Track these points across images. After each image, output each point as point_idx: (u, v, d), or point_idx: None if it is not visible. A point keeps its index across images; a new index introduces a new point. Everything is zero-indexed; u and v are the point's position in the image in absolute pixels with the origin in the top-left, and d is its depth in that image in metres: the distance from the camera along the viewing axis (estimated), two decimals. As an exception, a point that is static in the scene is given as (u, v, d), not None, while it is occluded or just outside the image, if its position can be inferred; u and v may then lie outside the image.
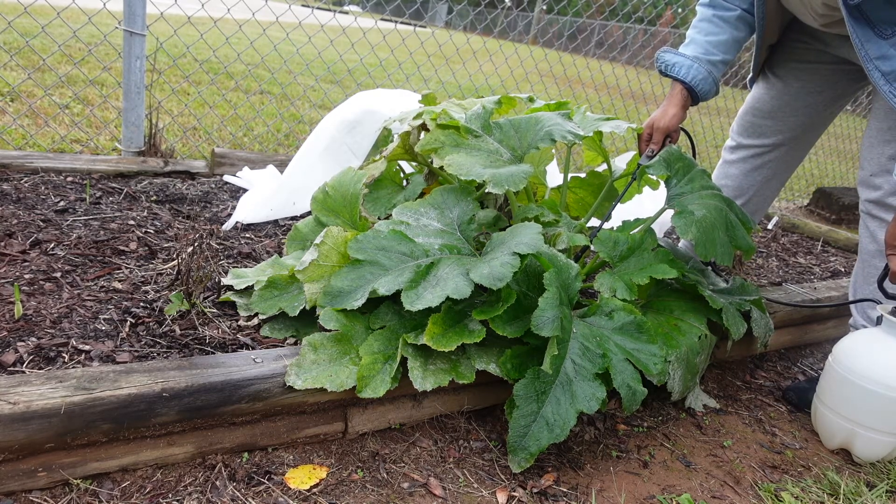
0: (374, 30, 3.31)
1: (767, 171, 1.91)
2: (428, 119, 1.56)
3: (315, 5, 3.68)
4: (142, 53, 2.33)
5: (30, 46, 3.19)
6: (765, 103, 1.85)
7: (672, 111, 1.61)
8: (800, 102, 1.80)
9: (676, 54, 1.63)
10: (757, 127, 1.88)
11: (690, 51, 1.63)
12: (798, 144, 1.88)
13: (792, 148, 1.88)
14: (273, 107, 4.07)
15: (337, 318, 1.24)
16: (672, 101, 1.63)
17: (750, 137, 1.91)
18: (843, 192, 4.14)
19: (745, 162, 1.93)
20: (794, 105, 1.81)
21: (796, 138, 1.86)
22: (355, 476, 1.15)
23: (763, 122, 1.86)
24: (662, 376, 1.39)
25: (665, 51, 1.65)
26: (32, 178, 2.06)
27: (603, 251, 1.47)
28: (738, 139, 1.95)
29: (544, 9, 13.19)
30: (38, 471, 0.98)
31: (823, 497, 1.32)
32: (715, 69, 1.63)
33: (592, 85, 5.84)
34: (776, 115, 1.84)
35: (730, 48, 1.64)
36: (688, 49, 1.64)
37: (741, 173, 1.94)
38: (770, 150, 1.89)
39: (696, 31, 1.66)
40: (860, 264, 1.70)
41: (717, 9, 1.64)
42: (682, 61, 1.61)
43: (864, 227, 1.66)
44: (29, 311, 1.31)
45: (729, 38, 1.63)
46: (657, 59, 1.66)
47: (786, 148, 1.88)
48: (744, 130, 1.92)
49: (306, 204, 2.11)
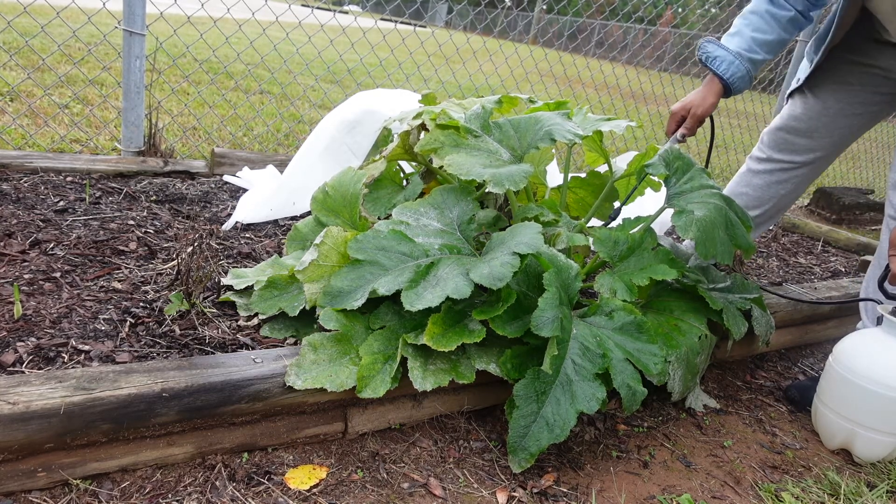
0: (373, 30, 3.31)
1: (791, 186, 1.92)
2: (427, 119, 1.56)
3: (315, 5, 3.68)
4: (141, 53, 2.33)
5: (29, 46, 3.19)
6: (801, 122, 1.83)
7: (710, 100, 1.62)
8: (837, 124, 1.79)
9: (720, 47, 1.62)
10: (790, 144, 1.87)
11: (734, 44, 1.61)
12: (826, 162, 1.89)
13: (819, 165, 1.89)
14: (273, 107, 4.07)
15: (337, 318, 1.24)
16: (710, 89, 1.63)
17: (781, 153, 1.90)
18: (844, 192, 4.14)
19: (772, 174, 1.92)
20: (831, 126, 1.80)
21: (827, 157, 1.86)
22: (355, 476, 1.15)
23: (797, 139, 1.85)
24: (662, 376, 1.39)
25: (709, 41, 1.64)
26: (32, 178, 2.06)
27: (603, 251, 1.46)
28: (768, 152, 1.93)
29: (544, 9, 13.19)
30: (38, 471, 0.98)
31: (824, 497, 1.32)
32: (753, 67, 1.63)
33: (592, 85, 5.84)
34: (811, 135, 1.82)
35: (774, 49, 1.64)
36: (732, 42, 1.62)
37: (765, 185, 1.93)
38: (799, 167, 1.88)
39: (744, 22, 1.64)
40: (876, 267, 1.69)
41: (773, 4, 1.61)
42: (724, 56, 1.61)
43: (886, 230, 1.66)
44: (28, 311, 1.31)
45: (776, 38, 1.62)
46: (700, 47, 1.65)
47: (814, 165, 1.87)
48: (775, 145, 1.91)
49: (306, 204, 2.10)
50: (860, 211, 3.99)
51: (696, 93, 1.64)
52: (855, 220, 3.98)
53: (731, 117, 5.78)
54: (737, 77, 1.61)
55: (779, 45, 1.63)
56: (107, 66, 2.94)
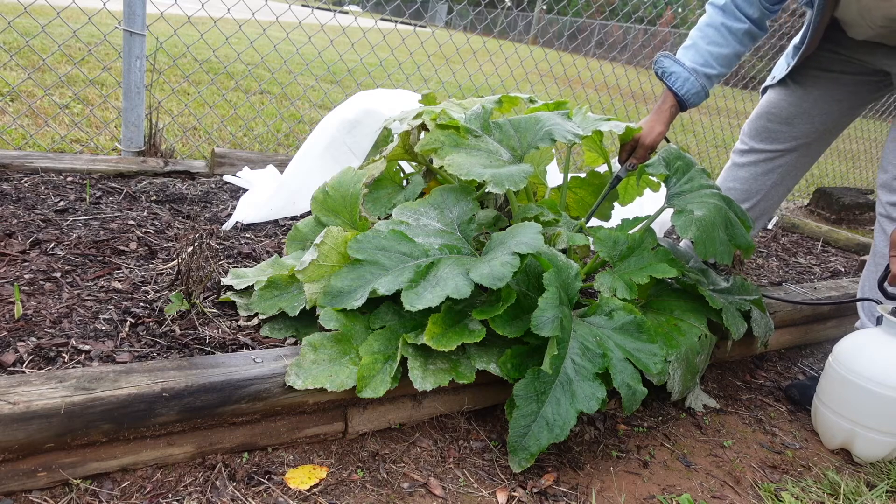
0: (374, 30, 3.31)
1: (777, 176, 1.91)
2: (427, 119, 1.56)
3: (315, 5, 3.68)
4: (142, 53, 2.33)
5: (30, 46, 3.19)
6: (782, 109, 1.84)
7: (658, 129, 1.63)
8: (817, 110, 1.80)
9: (675, 62, 1.64)
10: (771, 132, 1.88)
11: (689, 59, 1.63)
12: (810, 151, 1.88)
13: (803, 154, 1.88)
14: (273, 107, 4.07)
15: (337, 318, 1.24)
16: (660, 116, 1.64)
17: (763, 142, 1.90)
18: (844, 192, 4.14)
19: (756, 166, 1.93)
20: (812, 112, 1.81)
21: (809, 144, 1.86)
22: (355, 476, 1.15)
23: (778, 127, 1.86)
24: (662, 376, 1.39)
25: (665, 56, 1.66)
26: (32, 178, 2.06)
27: (603, 251, 1.46)
28: (750, 143, 1.94)
29: (544, 9, 13.20)
30: (38, 471, 0.98)
31: (823, 497, 1.32)
32: (709, 82, 1.65)
33: (592, 85, 5.84)
34: (792, 122, 1.83)
35: (730, 63, 1.65)
36: (687, 56, 1.64)
37: (751, 177, 1.94)
38: (782, 156, 1.89)
39: (700, 34, 1.65)
40: (872, 266, 1.70)
41: (728, 17, 1.62)
42: (679, 72, 1.62)
43: (880, 229, 1.67)
44: (29, 311, 1.31)
45: (731, 52, 1.63)
46: (656, 61, 1.67)
47: (797, 154, 1.88)
48: (756, 135, 1.92)
49: (306, 204, 2.11)
50: (860, 211, 3.99)
51: (646, 121, 1.66)
52: (855, 220, 3.98)
53: (731, 117, 5.78)
54: (692, 93, 1.63)
55: (734, 59, 1.66)
56: (107, 66, 2.94)
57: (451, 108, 1.64)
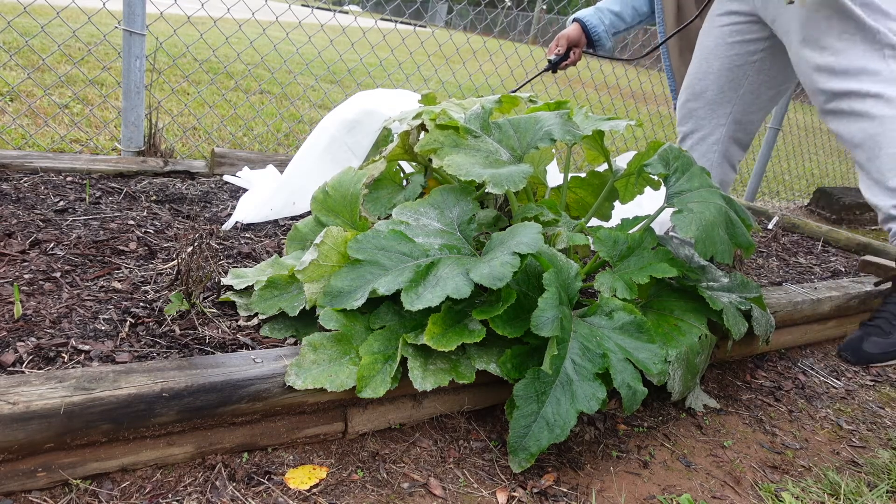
0: (373, 30, 3.31)
1: (715, 156, 2.13)
2: (427, 119, 1.56)
3: (315, 5, 3.68)
4: (141, 53, 2.33)
5: (29, 46, 3.19)
6: (691, 81, 2.11)
7: (576, 28, 2.17)
8: (713, 66, 2.06)
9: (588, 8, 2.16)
10: (690, 112, 2.16)
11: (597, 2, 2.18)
12: (730, 119, 2.08)
13: (729, 129, 2.09)
14: (273, 107, 4.07)
15: (337, 318, 1.24)
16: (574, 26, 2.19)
17: (684, 125, 2.17)
18: (844, 192, 4.14)
19: (693, 151, 2.15)
20: (711, 69, 2.06)
21: (728, 114, 2.06)
22: (355, 476, 1.15)
23: (694, 105, 2.12)
24: (662, 376, 1.39)
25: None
26: (32, 178, 2.06)
27: (603, 250, 1.46)
28: (679, 129, 2.21)
29: (544, 9, 13.19)
30: (38, 471, 0.98)
31: (824, 497, 1.32)
32: (603, 16, 2.14)
33: (592, 85, 5.83)
34: (702, 96, 2.09)
35: (625, 6, 2.15)
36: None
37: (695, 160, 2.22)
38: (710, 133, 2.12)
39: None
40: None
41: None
42: (584, 10, 2.19)
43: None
44: (28, 311, 1.31)
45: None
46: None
47: (724, 128, 2.08)
48: (681, 120, 2.19)
49: (306, 204, 2.10)
50: (860, 211, 3.99)
51: None
52: (855, 219, 3.98)
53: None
54: (589, 15, 2.14)
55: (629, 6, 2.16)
56: (107, 66, 2.94)
57: (450, 108, 1.64)
